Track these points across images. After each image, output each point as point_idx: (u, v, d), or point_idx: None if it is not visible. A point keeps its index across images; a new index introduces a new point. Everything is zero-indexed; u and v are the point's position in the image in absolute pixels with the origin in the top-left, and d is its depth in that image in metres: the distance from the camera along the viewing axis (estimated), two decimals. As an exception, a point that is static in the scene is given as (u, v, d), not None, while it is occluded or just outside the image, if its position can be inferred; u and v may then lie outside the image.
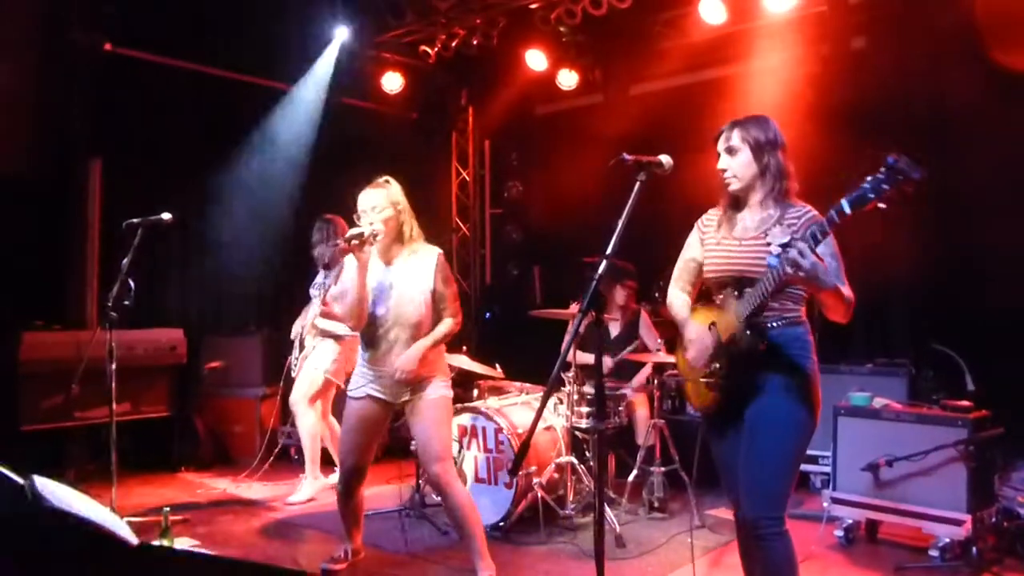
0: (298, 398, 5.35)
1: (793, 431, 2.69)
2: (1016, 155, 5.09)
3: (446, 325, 3.78)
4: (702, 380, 2.80)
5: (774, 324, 2.72)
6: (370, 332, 3.75)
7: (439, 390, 3.78)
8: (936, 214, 5.37)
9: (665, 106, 6.94)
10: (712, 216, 2.94)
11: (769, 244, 2.66)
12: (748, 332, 2.66)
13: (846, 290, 2.62)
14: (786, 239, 2.61)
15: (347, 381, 5.40)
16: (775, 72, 6.11)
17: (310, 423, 5.37)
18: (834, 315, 2.67)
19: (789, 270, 2.45)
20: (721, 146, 2.82)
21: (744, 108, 5.79)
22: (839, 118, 5.85)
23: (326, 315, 5.30)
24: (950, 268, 5.41)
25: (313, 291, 5.51)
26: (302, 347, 5.44)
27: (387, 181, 3.77)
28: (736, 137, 2.79)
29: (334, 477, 5.79)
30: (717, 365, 2.75)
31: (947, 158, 5.28)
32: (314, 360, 5.37)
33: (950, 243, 5.42)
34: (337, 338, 5.35)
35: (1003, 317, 5.06)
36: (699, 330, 2.85)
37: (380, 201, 3.68)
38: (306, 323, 5.42)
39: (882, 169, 2.37)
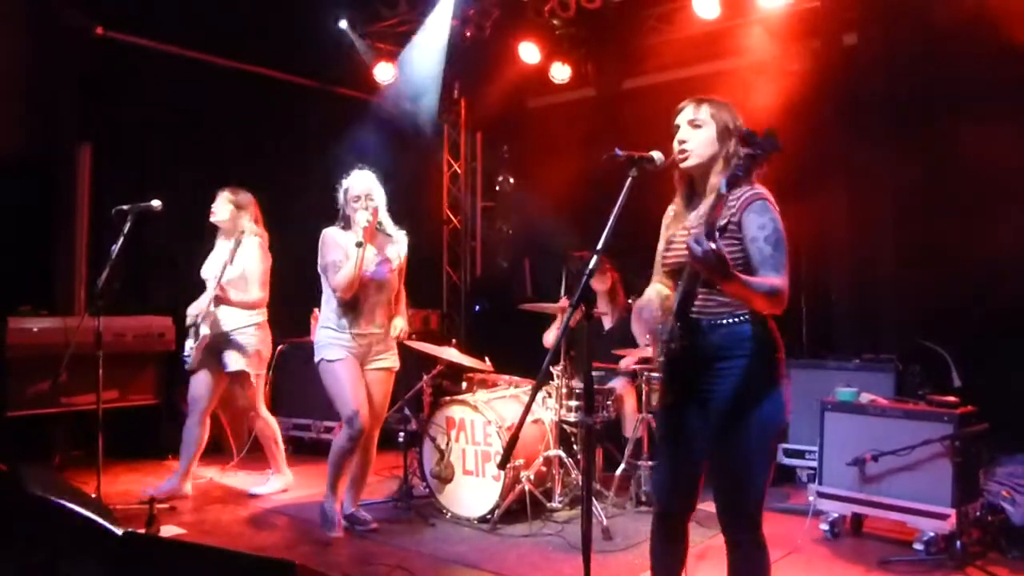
0: (250, 405, 5.19)
1: (764, 435, 2.57)
2: (1007, 151, 5.11)
3: (404, 297, 4.66)
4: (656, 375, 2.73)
5: (726, 321, 2.56)
6: (353, 300, 4.36)
7: (395, 361, 4.56)
8: (924, 210, 5.40)
9: (657, 101, 6.92)
10: (672, 208, 2.84)
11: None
12: (678, 324, 2.53)
13: (771, 280, 2.42)
14: (723, 222, 2.49)
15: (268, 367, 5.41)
16: (767, 67, 6.13)
17: (263, 425, 5.26)
18: (758, 307, 2.48)
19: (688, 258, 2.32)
20: (683, 119, 2.67)
21: (736, 103, 5.83)
22: (830, 113, 5.88)
23: (222, 301, 4.90)
24: (938, 264, 5.44)
25: (209, 274, 5.08)
26: (196, 336, 5.01)
27: (363, 167, 4.47)
28: (705, 112, 2.64)
29: (273, 484, 5.34)
30: (662, 358, 2.63)
31: (936, 154, 5.31)
32: (235, 363, 5.03)
33: (938, 239, 5.44)
34: (245, 327, 5.04)
35: (990, 313, 5.09)
36: (649, 300, 2.72)
37: (374, 186, 4.40)
38: (203, 310, 4.96)
39: (746, 148, 2.31)
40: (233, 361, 5.05)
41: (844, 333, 6.00)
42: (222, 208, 5.17)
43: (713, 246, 2.18)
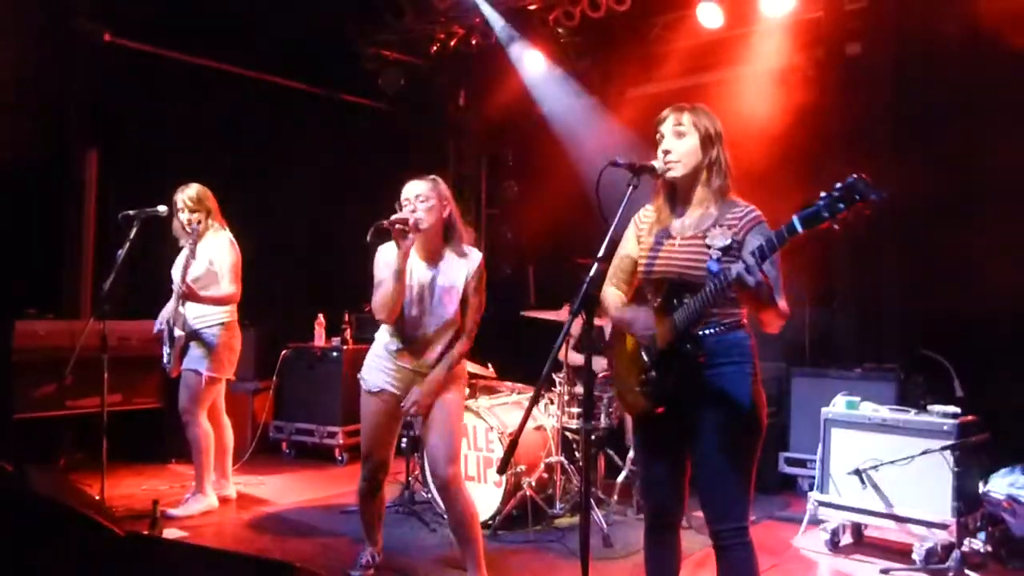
0: (186, 407, 4.87)
1: (744, 441, 2.61)
2: (1011, 161, 5.13)
3: (459, 347, 3.67)
4: (637, 389, 2.68)
5: (713, 330, 2.61)
6: (403, 328, 3.62)
7: (453, 392, 3.68)
8: (927, 220, 5.41)
9: (661, 109, 6.92)
10: (649, 211, 2.82)
11: (708, 246, 2.52)
12: (688, 344, 2.56)
13: (783, 304, 2.53)
14: (727, 242, 2.50)
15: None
16: (770, 76, 6.14)
17: (199, 434, 4.88)
18: (768, 328, 2.57)
19: (733, 286, 2.35)
20: (667, 128, 2.70)
21: (739, 112, 5.87)
22: (832, 123, 5.90)
23: (189, 296, 4.65)
24: (941, 274, 5.45)
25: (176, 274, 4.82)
26: (171, 341, 4.82)
27: (435, 179, 3.66)
28: (687, 121, 2.68)
29: (192, 506, 4.95)
30: (653, 373, 2.63)
31: (940, 163, 5.32)
32: (190, 361, 4.82)
33: (941, 249, 5.45)
34: (211, 325, 4.82)
35: (993, 324, 5.09)
36: (639, 310, 2.71)
37: (426, 191, 3.55)
38: (172, 312, 4.80)
39: (838, 187, 2.22)
40: (191, 359, 4.82)
41: (846, 342, 6.00)
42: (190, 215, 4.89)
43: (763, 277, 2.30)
